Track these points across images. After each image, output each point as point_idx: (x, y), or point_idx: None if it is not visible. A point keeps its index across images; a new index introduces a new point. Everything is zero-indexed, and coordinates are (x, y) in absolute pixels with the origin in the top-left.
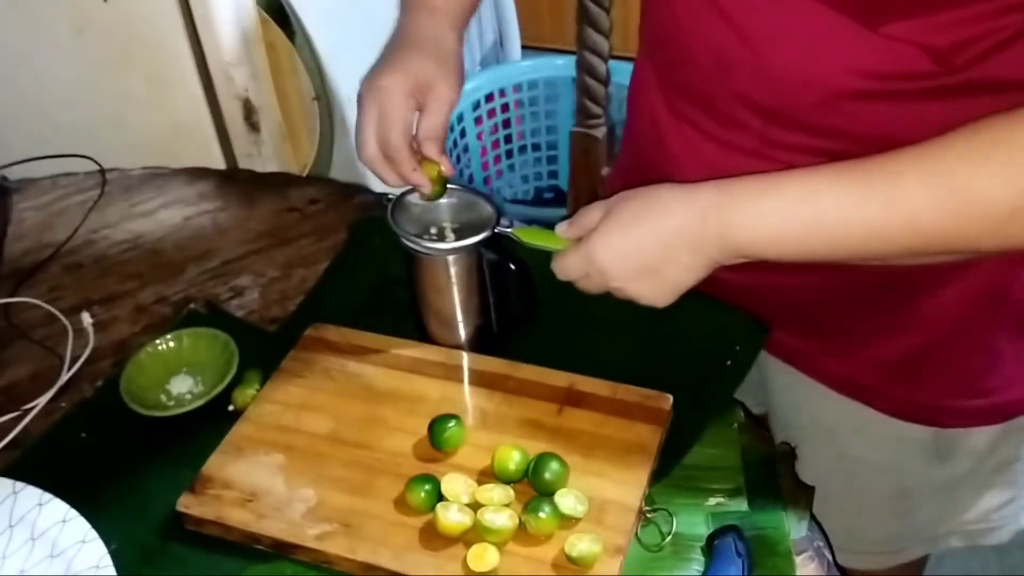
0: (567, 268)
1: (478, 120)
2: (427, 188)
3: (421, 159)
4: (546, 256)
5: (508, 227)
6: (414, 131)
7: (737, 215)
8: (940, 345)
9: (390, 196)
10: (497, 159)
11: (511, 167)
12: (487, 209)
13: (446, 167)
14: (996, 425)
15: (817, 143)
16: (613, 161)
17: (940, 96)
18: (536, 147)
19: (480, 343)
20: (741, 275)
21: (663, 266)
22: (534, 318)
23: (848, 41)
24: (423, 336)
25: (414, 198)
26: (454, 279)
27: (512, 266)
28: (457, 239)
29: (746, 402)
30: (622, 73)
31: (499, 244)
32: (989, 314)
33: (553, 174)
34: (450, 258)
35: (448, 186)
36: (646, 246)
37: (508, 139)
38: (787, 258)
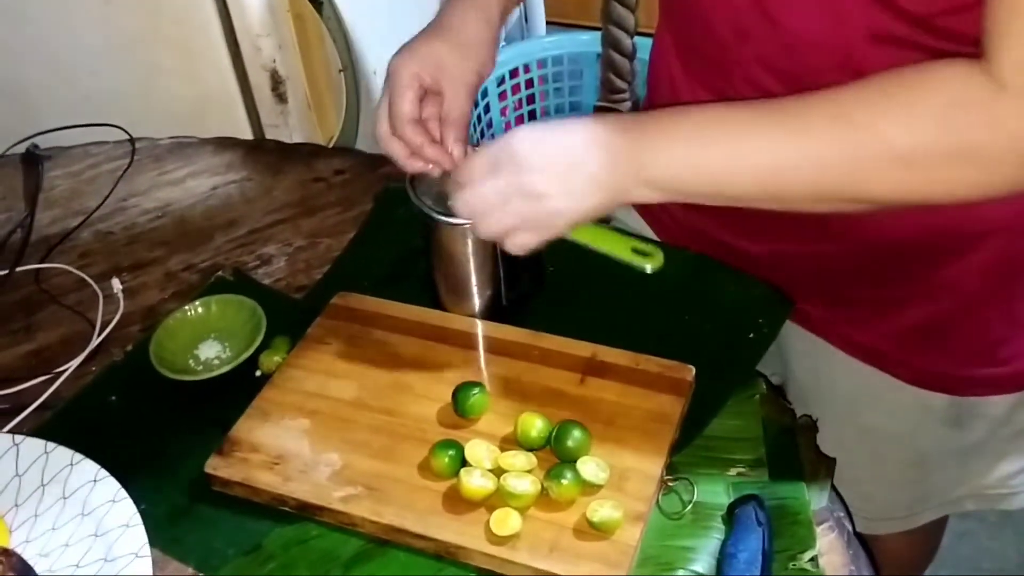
0: (474, 164)
1: (502, 95)
2: (446, 164)
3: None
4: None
5: None
6: (423, 114)
7: (651, 150)
8: (960, 314)
9: None
10: None
11: None
12: None
13: (457, 153)
14: (1013, 393)
15: None
16: None
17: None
18: None
19: (490, 315)
20: (762, 245)
21: (584, 160)
22: (541, 292)
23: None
24: (436, 306)
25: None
26: (471, 247)
27: None
28: None
29: (764, 372)
30: (647, 49)
31: None
32: (1010, 283)
33: None
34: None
35: None
36: (567, 140)
37: (532, 115)
38: (703, 197)
